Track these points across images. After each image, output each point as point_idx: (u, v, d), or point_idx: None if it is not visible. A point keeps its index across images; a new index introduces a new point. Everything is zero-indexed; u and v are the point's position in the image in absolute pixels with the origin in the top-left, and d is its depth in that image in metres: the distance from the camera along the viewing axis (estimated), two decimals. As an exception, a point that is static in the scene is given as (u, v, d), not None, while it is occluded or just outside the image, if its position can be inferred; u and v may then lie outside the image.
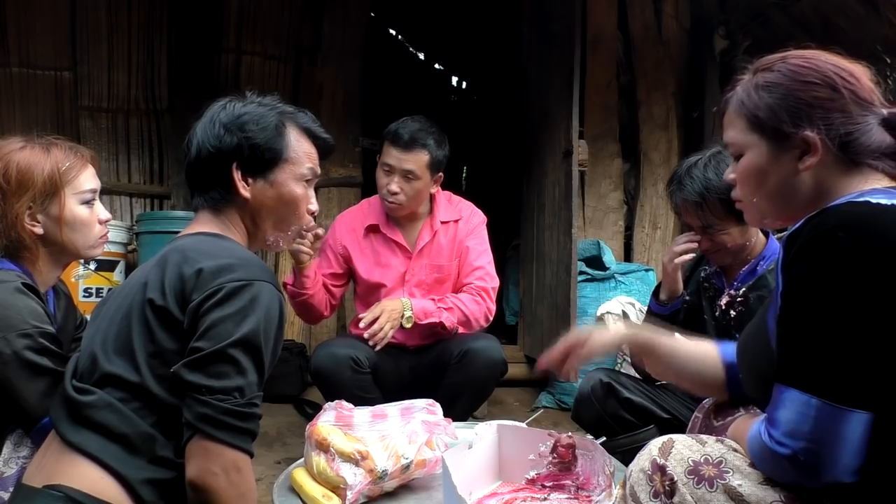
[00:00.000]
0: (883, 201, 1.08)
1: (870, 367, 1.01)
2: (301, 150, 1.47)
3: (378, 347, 2.49)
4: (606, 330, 1.53)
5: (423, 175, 2.65)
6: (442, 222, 2.80)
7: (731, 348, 1.48)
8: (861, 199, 1.10)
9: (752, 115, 1.23)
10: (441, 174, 2.75)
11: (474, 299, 2.70)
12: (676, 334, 1.55)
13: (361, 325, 2.49)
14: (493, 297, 2.77)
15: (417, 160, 2.63)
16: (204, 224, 1.42)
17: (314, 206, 1.57)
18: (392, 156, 2.64)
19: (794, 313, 1.08)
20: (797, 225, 1.11)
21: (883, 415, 1.01)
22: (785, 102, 1.19)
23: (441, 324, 2.62)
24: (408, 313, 2.54)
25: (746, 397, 1.42)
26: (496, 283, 2.81)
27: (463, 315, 2.65)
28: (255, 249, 1.47)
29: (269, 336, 1.23)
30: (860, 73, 1.20)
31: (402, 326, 2.55)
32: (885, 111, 1.19)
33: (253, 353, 1.20)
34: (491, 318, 2.78)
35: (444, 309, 2.63)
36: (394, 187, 2.64)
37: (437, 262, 2.78)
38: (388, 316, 2.49)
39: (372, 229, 2.79)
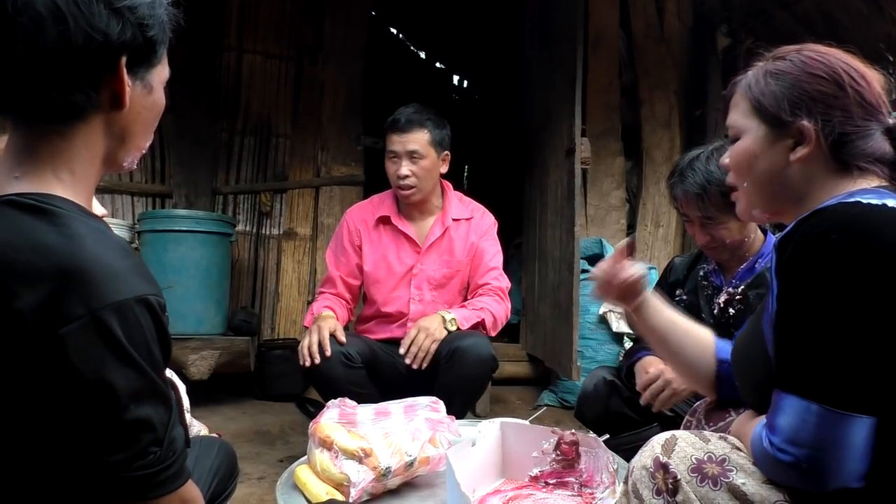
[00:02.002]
0: (873, 201, 1.07)
1: (871, 371, 0.99)
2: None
3: (423, 366, 2.50)
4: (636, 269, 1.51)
5: (429, 153, 2.71)
6: (454, 219, 2.83)
7: (726, 346, 1.46)
8: (851, 200, 1.09)
9: (756, 99, 1.23)
10: (448, 153, 2.80)
11: (495, 300, 2.76)
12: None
13: (401, 350, 2.51)
14: (508, 297, 2.83)
15: (419, 139, 2.69)
16: (26, 161, 0.96)
17: None
18: (394, 142, 2.71)
19: (790, 318, 1.07)
20: (788, 228, 1.10)
21: (887, 418, 1.00)
22: (789, 92, 1.19)
23: (483, 322, 2.67)
24: (449, 316, 2.57)
25: (736, 400, 1.39)
26: (509, 284, 2.87)
27: (492, 317, 2.70)
28: (106, 174, 1.10)
29: (152, 356, 0.93)
30: (872, 78, 1.19)
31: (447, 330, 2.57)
32: (890, 120, 1.18)
33: (147, 394, 0.92)
34: (509, 317, 2.83)
35: (478, 309, 2.68)
36: (403, 171, 2.68)
37: (449, 257, 2.80)
38: (426, 334, 2.51)
39: (383, 221, 2.82)
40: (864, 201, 1.07)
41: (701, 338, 1.47)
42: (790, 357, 1.06)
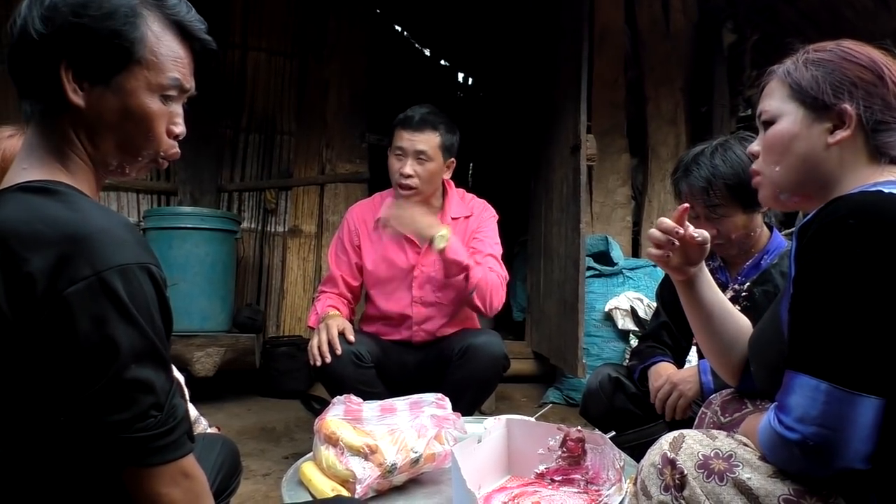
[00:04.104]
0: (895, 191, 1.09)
1: (880, 353, 1.01)
2: (163, 52, 1.07)
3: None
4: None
5: (436, 157, 2.66)
6: (453, 218, 2.78)
7: None
8: (873, 189, 1.11)
9: (796, 83, 1.24)
10: (453, 160, 2.75)
11: (496, 274, 2.61)
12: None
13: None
14: (505, 287, 2.69)
15: (429, 140, 2.65)
16: (32, 155, 1.03)
17: (179, 129, 1.14)
18: (403, 138, 2.66)
19: (804, 299, 1.09)
20: (810, 216, 1.11)
21: (894, 401, 1.01)
22: (831, 77, 1.20)
23: (466, 268, 2.50)
24: (443, 231, 2.45)
25: (755, 391, 1.41)
26: (507, 275, 2.74)
27: (485, 280, 2.54)
28: (105, 179, 1.11)
29: (154, 321, 0.95)
30: None
31: (431, 243, 2.46)
32: None
33: (149, 356, 0.94)
34: (498, 307, 2.66)
35: (475, 262, 2.54)
36: (407, 170, 2.63)
37: None
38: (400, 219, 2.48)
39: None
40: (886, 190, 1.09)
41: (741, 323, 1.47)
42: (802, 337, 1.08)
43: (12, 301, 0.90)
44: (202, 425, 1.97)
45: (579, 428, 1.73)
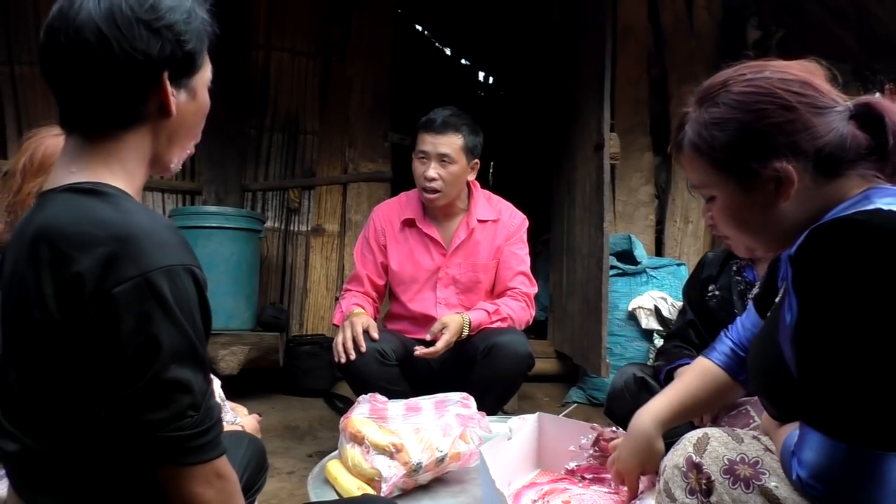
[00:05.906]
0: (894, 207, 1.00)
1: None
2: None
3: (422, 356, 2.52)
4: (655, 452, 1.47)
5: (459, 159, 2.66)
6: (479, 220, 2.78)
7: (721, 349, 1.49)
8: (871, 208, 1.01)
9: (711, 157, 1.14)
10: (477, 161, 2.76)
11: (522, 306, 2.73)
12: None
13: (429, 336, 2.53)
14: (533, 303, 2.81)
15: (451, 143, 2.66)
16: (82, 158, 1.03)
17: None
18: (426, 142, 2.67)
19: (815, 346, 0.99)
20: (803, 239, 1.02)
21: None
22: (742, 138, 1.10)
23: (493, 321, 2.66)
24: (465, 332, 2.56)
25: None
26: (536, 289, 2.84)
27: (513, 323, 2.68)
28: (155, 174, 1.14)
29: (195, 322, 0.98)
30: (812, 76, 1.11)
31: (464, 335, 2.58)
32: (850, 104, 1.10)
33: (189, 357, 0.97)
34: (530, 322, 2.81)
35: (499, 320, 2.65)
36: (430, 173, 2.64)
37: (473, 261, 2.77)
38: (451, 333, 2.51)
39: (408, 223, 2.80)
40: (885, 208, 1.00)
41: (713, 382, 1.49)
42: (815, 390, 1.00)
43: (61, 302, 0.93)
44: (229, 415, 1.99)
45: (614, 428, 1.71)
